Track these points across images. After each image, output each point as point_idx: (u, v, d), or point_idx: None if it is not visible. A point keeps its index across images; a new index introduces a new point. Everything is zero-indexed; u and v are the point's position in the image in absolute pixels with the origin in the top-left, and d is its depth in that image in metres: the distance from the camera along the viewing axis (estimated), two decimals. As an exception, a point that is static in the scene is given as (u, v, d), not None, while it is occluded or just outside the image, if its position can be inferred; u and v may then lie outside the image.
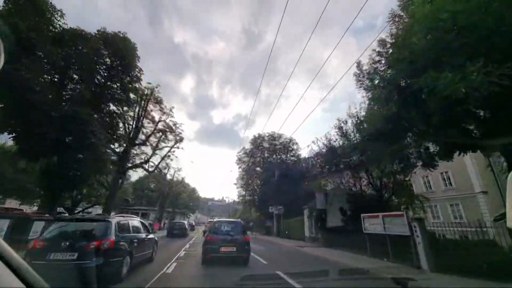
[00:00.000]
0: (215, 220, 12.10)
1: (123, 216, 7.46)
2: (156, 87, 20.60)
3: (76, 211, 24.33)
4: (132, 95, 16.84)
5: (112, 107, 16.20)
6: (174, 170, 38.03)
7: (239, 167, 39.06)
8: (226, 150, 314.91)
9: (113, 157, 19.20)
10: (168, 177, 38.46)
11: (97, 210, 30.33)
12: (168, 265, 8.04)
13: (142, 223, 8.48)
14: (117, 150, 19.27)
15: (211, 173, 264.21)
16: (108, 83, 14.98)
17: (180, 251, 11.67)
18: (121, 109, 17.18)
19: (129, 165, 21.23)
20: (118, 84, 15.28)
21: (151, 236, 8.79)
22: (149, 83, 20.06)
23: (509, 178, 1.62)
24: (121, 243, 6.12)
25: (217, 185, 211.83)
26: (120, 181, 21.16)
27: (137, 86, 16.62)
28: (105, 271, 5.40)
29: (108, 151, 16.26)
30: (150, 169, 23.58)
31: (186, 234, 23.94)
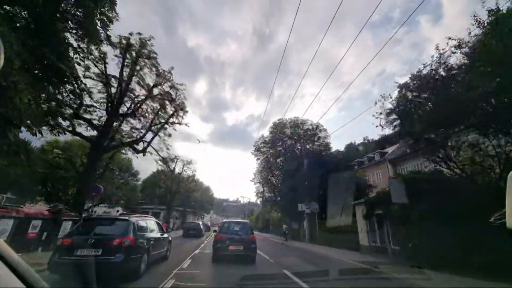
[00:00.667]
0: (224, 220, 12.61)
1: (141, 217, 7.95)
2: (149, 40, 15.11)
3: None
4: (101, 27, 10.98)
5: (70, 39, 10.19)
6: (183, 163, 34.27)
7: (257, 159, 32.98)
8: (240, 152, 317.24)
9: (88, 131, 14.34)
10: (177, 170, 35.55)
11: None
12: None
13: (157, 223, 8.99)
14: (95, 122, 14.53)
15: (225, 174, 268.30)
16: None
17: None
18: (82, 45, 11.00)
19: (114, 143, 15.74)
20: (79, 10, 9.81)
21: (165, 235, 9.27)
22: (140, 34, 14.80)
23: (509, 177, 1.59)
24: (140, 241, 6.57)
25: (232, 186, 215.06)
26: (105, 165, 17.18)
27: (111, 15, 10.92)
28: (126, 267, 5.86)
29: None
30: (145, 148, 17.21)
31: (201, 235, 24.39)
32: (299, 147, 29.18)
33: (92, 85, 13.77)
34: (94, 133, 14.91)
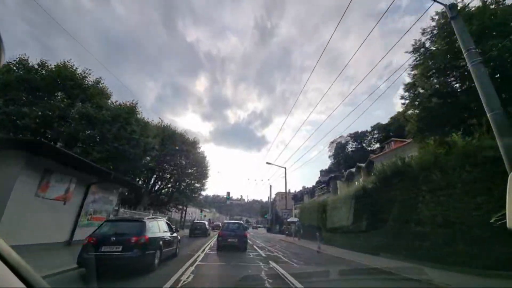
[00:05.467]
0: (225, 221, 16.97)
1: (154, 218, 9.00)
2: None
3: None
4: None
5: None
6: None
7: None
8: (243, 152, 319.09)
9: None
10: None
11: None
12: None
13: (168, 224, 10.04)
14: None
15: (228, 173, 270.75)
16: None
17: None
18: None
19: None
20: None
21: (175, 235, 10.32)
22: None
23: (509, 178, 1.60)
24: (153, 239, 7.59)
25: (235, 185, 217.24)
26: None
27: None
28: (142, 261, 6.89)
29: None
30: None
31: (208, 234, 24.52)
32: None
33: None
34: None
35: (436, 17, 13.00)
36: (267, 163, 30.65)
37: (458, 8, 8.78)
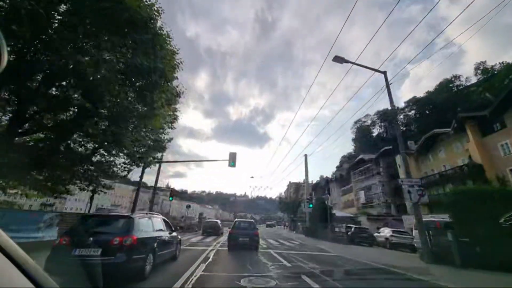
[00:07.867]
0: (235, 220, 16.14)
1: (145, 214, 7.44)
2: None
3: None
4: None
5: None
6: None
7: None
8: (245, 149, 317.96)
9: None
10: None
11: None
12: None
13: (165, 221, 8.46)
14: None
15: (231, 170, 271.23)
16: None
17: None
18: None
19: None
20: None
21: (174, 234, 8.72)
22: None
23: None
24: (143, 240, 6.07)
25: (239, 181, 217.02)
26: None
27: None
28: (128, 268, 5.36)
29: None
30: None
31: (221, 233, 23.16)
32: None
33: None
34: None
35: None
36: (335, 57, 13.03)
37: None
